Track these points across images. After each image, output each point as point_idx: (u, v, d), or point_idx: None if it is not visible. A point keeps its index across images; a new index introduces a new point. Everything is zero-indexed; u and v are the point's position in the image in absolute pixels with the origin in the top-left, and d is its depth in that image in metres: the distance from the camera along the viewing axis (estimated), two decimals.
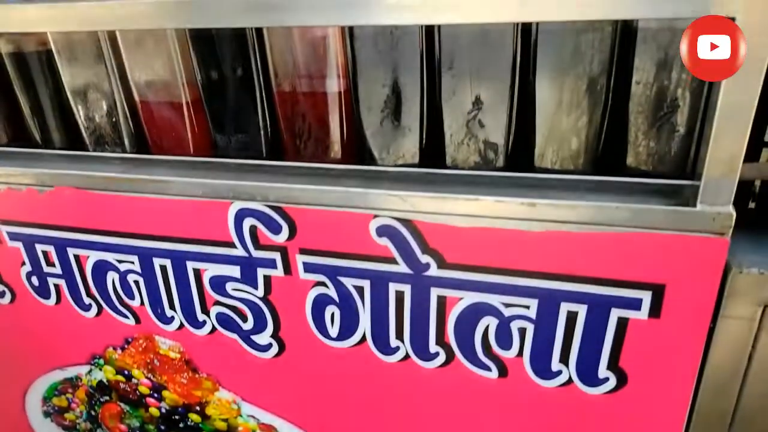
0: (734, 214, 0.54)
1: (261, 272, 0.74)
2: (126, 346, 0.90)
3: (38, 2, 0.70)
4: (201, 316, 0.81)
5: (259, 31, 0.68)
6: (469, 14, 0.52)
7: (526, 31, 0.59)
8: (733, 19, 0.47)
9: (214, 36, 0.68)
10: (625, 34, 0.55)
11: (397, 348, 0.73)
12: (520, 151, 0.65)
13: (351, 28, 0.64)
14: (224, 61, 0.69)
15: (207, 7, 0.60)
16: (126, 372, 0.93)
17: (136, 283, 0.82)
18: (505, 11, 0.51)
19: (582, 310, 0.63)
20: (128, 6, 0.63)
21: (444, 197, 0.63)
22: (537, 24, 0.57)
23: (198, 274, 0.78)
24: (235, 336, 0.81)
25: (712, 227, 0.55)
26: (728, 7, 0.46)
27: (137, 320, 0.86)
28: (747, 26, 0.46)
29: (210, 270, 0.77)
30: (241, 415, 0.89)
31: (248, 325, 0.79)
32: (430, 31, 0.61)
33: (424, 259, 0.66)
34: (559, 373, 0.67)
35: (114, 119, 0.77)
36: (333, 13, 0.56)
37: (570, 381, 0.67)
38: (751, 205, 0.61)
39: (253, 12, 0.58)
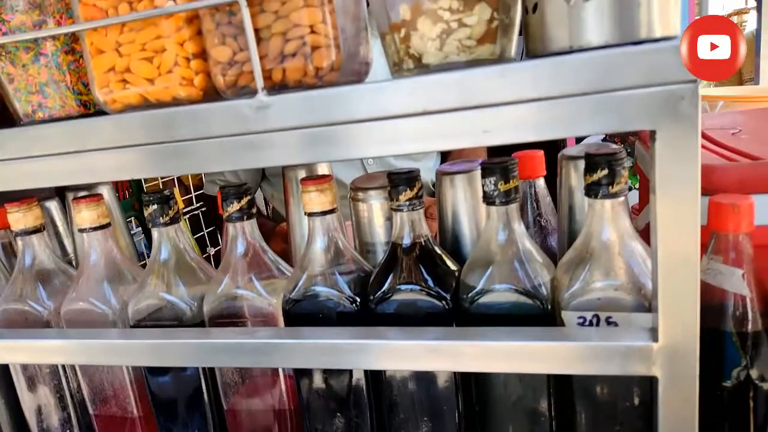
0: None
1: None
2: None
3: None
4: None
5: None
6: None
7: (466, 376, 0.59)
8: (656, 378, 0.46)
9: None
10: None
11: None
12: None
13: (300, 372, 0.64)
14: (175, 377, 0.69)
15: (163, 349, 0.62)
16: None
17: None
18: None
19: None
20: (84, 343, 0.65)
21: None
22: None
23: None
24: None
25: None
26: (646, 366, 0.46)
27: None
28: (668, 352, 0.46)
29: None
30: None
31: None
32: (376, 376, 0.62)
33: None
34: None
35: (68, 431, 0.75)
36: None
37: None
38: None
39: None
